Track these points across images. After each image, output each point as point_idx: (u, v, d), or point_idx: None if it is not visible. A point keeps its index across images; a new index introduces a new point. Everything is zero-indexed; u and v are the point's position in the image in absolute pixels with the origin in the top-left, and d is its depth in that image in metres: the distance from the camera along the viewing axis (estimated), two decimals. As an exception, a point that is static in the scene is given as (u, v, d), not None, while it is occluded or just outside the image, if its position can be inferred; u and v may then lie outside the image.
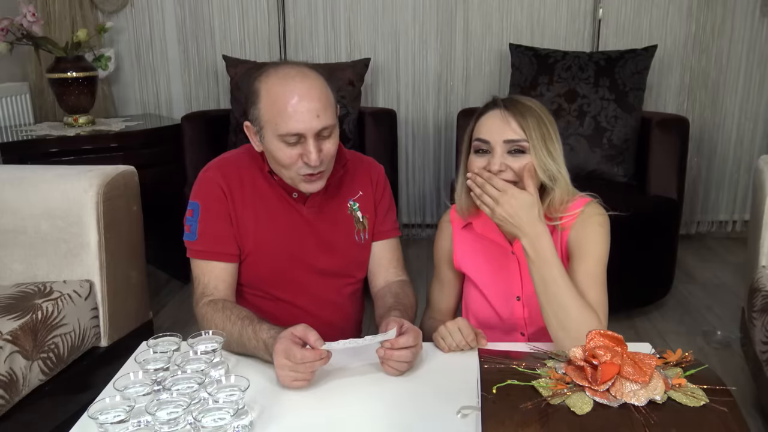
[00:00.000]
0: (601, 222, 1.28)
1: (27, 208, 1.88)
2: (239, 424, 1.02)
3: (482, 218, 1.36)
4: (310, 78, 1.27)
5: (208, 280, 1.37)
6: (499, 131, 1.23)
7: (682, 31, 3.43)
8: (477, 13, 3.44)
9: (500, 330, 1.39)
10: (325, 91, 1.28)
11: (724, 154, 3.60)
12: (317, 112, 1.25)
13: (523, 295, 1.35)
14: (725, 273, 3.18)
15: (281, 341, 1.14)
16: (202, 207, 1.38)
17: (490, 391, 0.86)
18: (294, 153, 1.27)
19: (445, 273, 1.48)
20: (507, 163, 1.23)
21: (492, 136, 1.24)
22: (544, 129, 1.24)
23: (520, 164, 1.23)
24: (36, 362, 1.64)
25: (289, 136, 1.25)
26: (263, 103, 1.27)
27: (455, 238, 1.44)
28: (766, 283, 1.82)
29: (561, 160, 1.27)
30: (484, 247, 1.39)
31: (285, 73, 1.27)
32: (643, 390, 0.84)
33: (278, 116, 1.25)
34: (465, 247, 1.42)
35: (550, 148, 1.24)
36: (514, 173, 1.23)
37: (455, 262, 1.44)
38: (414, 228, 3.73)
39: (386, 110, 3.09)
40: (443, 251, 1.47)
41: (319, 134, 1.27)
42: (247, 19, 3.48)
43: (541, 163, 1.23)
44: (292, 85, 1.25)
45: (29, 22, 2.79)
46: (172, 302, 2.91)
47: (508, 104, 1.26)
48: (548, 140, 1.24)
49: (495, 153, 1.23)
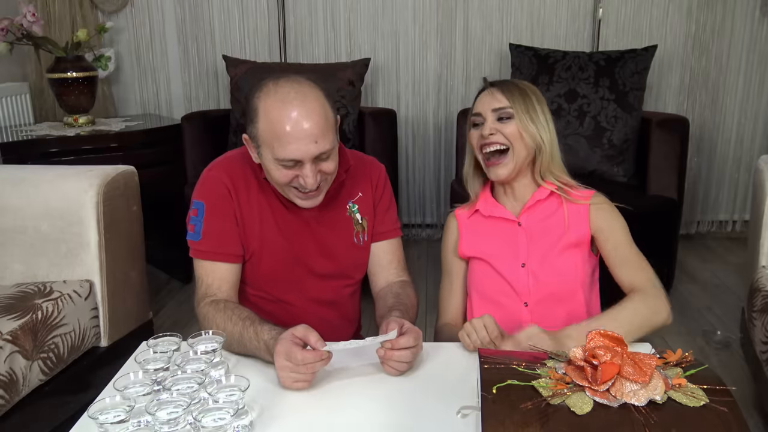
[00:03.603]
0: (611, 205, 1.43)
1: (27, 208, 1.88)
2: (239, 424, 1.02)
3: (486, 199, 1.48)
4: (309, 100, 1.24)
5: (211, 280, 1.37)
6: (488, 103, 1.42)
7: (682, 31, 3.43)
8: (477, 13, 3.44)
9: (505, 301, 1.42)
10: (324, 113, 1.25)
11: (724, 153, 3.60)
12: (315, 138, 1.23)
13: (528, 263, 1.41)
14: (725, 273, 3.18)
15: (282, 342, 1.14)
16: (207, 206, 1.37)
17: (490, 391, 0.86)
18: (290, 174, 1.27)
19: (452, 267, 1.53)
20: (496, 127, 1.39)
21: (482, 108, 1.42)
22: (528, 100, 1.41)
23: (509, 129, 1.39)
24: (36, 362, 1.64)
25: (286, 161, 1.25)
26: (261, 123, 1.25)
27: (461, 229, 1.51)
28: (766, 283, 1.82)
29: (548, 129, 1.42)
30: (491, 226, 1.47)
31: (284, 94, 1.24)
32: (643, 390, 0.84)
33: (275, 141, 1.23)
34: (472, 233, 1.49)
35: (533, 116, 1.40)
36: (504, 137, 1.39)
37: (460, 251, 1.50)
38: (414, 228, 3.73)
39: (386, 110, 3.09)
40: (450, 246, 1.53)
41: (317, 158, 1.26)
42: (247, 19, 3.48)
43: (525, 126, 1.39)
44: (290, 110, 1.22)
45: (29, 22, 2.79)
46: (172, 302, 2.91)
47: (496, 83, 1.45)
48: (531, 109, 1.41)
49: (486, 120, 1.40)
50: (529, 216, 1.43)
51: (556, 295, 1.39)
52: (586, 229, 1.39)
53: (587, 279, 1.42)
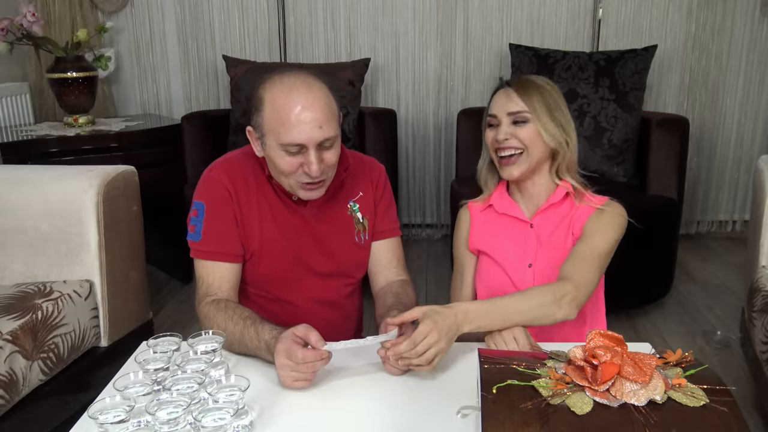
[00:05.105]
0: (617, 220, 1.36)
1: (27, 208, 1.88)
2: (239, 424, 1.02)
3: (501, 196, 1.48)
4: (315, 89, 1.27)
5: (212, 280, 1.37)
6: (503, 106, 1.39)
7: (682, 31, 3.43)
8: (477, 13, 3.44)
9: None
10: (329, 102, 1.28)
11: (724, 153, 3.60)
12: (320, 123, 1.25)
13: (535, 264, 1.41)
14: (725, 273, 3.18)
15: (282, 341, 1.15)
16: (207, 207, 1.38)
17: (490, 391, 0.86)
18: (295, 162, 1.28)
19: (463, 260, 1.53)
20: (511, 132, 1.37)
21: (498, 111, 1.40)
22: (549, 99, 1.38)
23: (524, 133, 1.37)
24: (36, 362, 1.64)
25: (291, 146, 1.26)
26: (266, 111, 1.28)
27: (473, 221, 1.51)
28: (766, 283, 1.82)
29: (569, 129, 1.39)
30: (503, 223, 1.47)
31: (290, 82, 1.27)
32: (643, 390, 0.84)
33: (281, 126, 1.25)
34: (483, 226, 1.50)
35: (556, 114, 1.37)
36: (519, 141, 1.37)
37: (470, 243, 1.50)
38: (414, 228, 3.73)
39: (386, 110, 3.09)
40: (461, 238, 1.53)
41: (320, 145, 1.27)
42: (247, 19, 3.48)
43: (545, 128, 1.36)
44: (296, 96, 1.25)
45: (29, 22, 2.79)
46: (172, 302, 2.91)
47: (512, 82, 1.41)
48: (554, 109, 1.37)
49: (501, 124, 1.39)
50: (543, 219, 1.43)
51: None
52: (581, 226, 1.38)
53: None
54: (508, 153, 1.38)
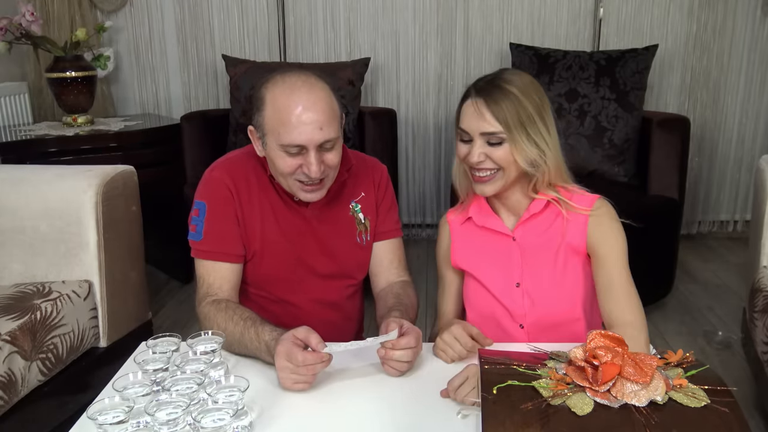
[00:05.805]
0: (613, 216, 1.31)
1: (26, 208, 1.88)
2: (239, 425, 1.02)
3: (480, 207, 1.38)
4: (317, 89, 1.26)
5: (212, 280, 1.37)
6: (475, 124, 1.26)
7: (683, 31, 3.42)
8: (477, 13, 3.43)
9: (500, 321, 1.36)
10: (331, 103, 1.27)
11: (725, 153, 3.60)
12: (320, 124, 1.24)
13: (523, 282, 1.33)
14: (726, 273, 3.17)
15: (283, 343, 1.14)
16: (209, 207, 1.37)
17: (490, 392, 0.85)
18: (294, 163, 1.28)
19: (445, 274, 1.47)
20: (486, 152, 1.26)
21: (470, 128, 1.27)
22: (522, 114, 1.24)
23: (499, 153, 1.25)
24: (35, 363, 1.64)
25: (291, 146, 1.26)
26: (268, 110, 1.27)
27: (453, 236, 1.43)
28: (767, 283, 1.82)
29: (548, 141, 1.27)
30: (483, 238, 1.38)
31: (292, 83, 1.26)
32: (644, 390, 0.83)
33: (281, 126, 1.25)
34: (463, 242, 1.41)
35: (531, 132, 1.25)
36: (493, 162, 1.26)
37: (453, 260, 1.43)
38: (414, 228, 3.72)
39: (386, 110, 3.09)
40: (442, 253, 1.46)
41: (321, 146, 1.26)
42: (247, 18, 3.48)
43: (521, 152, 1.25)
44: (297, 96, 1.25)
45: (28, 21, 2.79)
46: (172, 302, 2.91)
47: (482, 92, 1.26)
48: (529, 125, 1.24)
49: (475, 144, 1.27)
50: (525, 230, 1.34)
51: (554, 317, 1.32)
52: (583, 239, 1.30)
53: (588, 296, 1.33)
54: (482, 174, 1.28)
